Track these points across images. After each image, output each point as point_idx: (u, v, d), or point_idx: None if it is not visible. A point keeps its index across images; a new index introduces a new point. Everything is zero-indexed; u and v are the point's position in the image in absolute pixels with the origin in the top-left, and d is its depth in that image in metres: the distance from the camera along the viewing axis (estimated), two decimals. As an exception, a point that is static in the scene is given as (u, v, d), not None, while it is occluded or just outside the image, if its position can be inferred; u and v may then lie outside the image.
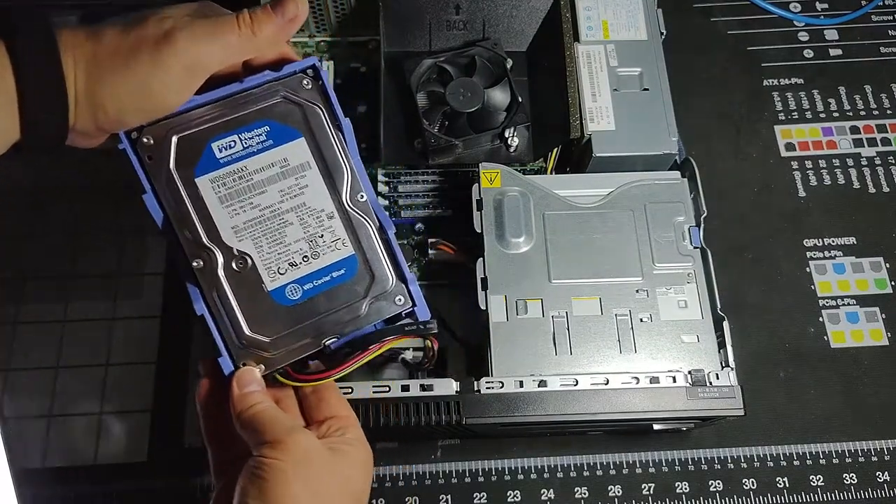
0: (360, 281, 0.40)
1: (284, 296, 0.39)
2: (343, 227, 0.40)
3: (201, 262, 0.38)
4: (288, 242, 0.39)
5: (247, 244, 0.38)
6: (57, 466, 0.55)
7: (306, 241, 0.39)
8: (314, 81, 0.42)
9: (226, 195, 0.38)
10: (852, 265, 0.63)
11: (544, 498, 0.55)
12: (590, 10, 0.61)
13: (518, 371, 0.48)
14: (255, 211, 0.39)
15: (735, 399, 0.47)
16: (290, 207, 0.39)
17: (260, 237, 0.39)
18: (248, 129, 0.39)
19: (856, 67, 0.71)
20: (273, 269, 0.39)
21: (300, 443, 0.36)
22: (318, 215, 0.40)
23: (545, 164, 0.60)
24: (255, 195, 0.39)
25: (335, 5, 0.64)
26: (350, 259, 0.40)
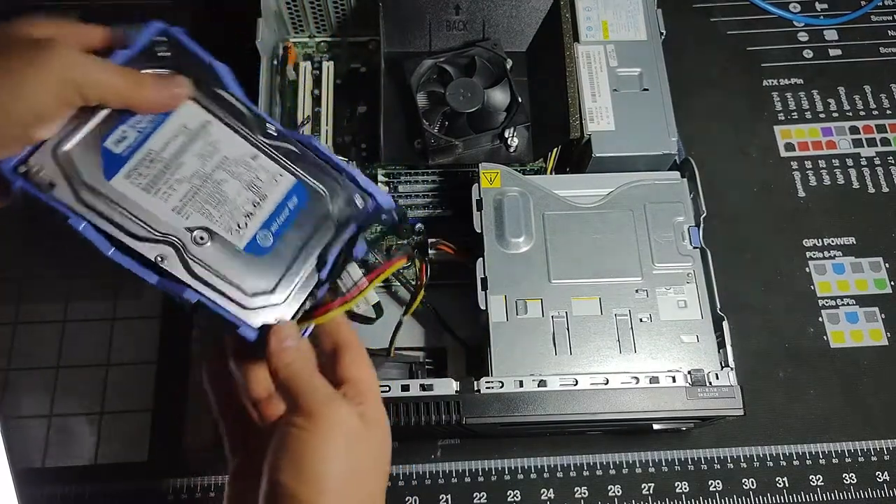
0: (316, 200, 0.39)
1: (259, 246, 0.37)
2: (273, 162, 0.39)
3: (162, 256, 0.36)
4: (232, 198, 0.37)
5: (195, 218, 0.37)
6: (57, 466, 0.55)
7: (247, 189, 0.38)
8: (171, 45, 0.39)
9: (148, 183, 0.36)
10: (852, 265, 0.63)
11: (544, 497, 0.55)
12: (590, 10, 0.61)
13: (518, 371, 0.48)
14: (185, 185, 0.37)
15: (735, 399, 0.47)
16: (215, 166, 0.38)
17: (204, 206, 0.37)
18: (131, 112, 0.37)
19: (855, 67, 0.71)
20: (234, 229, 0.37)
21: (340, 416, 0.34)
22: (243, 162, 0.38)
23: (545, 164, 0.60)
24: (176, 170, 0.37)
25: (335, 6, 0.64)
26: (295, 186, 0.39)
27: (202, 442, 0.43)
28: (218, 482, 0.55)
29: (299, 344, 0.37)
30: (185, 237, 0.36)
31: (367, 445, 0.35)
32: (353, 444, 0.34)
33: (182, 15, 0.72)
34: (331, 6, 0.64)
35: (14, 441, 0.54)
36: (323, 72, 0.64)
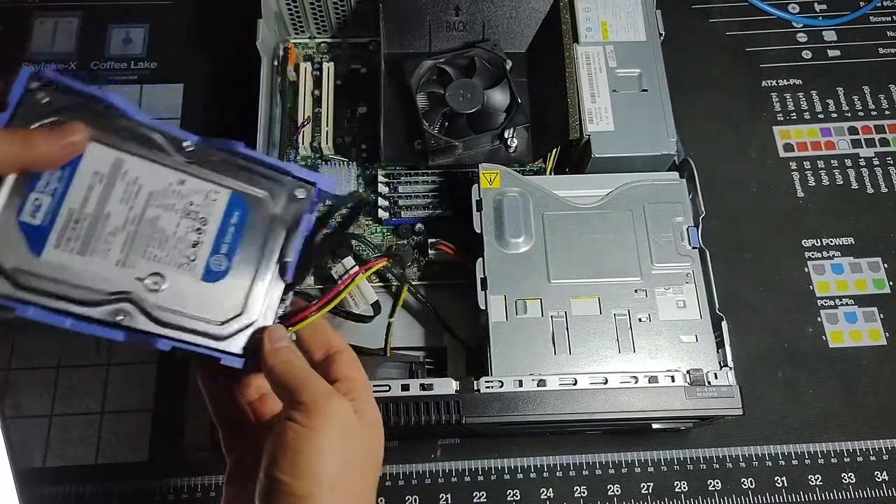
0: (257, 206, 0.37)
1: (215, 272, 0.35)
2: (201, 181, 0.36)
3: (123, 314, 0.33)
4: (172, 232, 0.35)
5: (143, 265, 0.34)
6: (58, 466, 0.55)
7: (185, 218, 0.35)
8: (51, 90, 0.34)
9: (82, 246, 0.34)
10: (850, 265, 0.63)
11: (543, 497, 0.55)
12: (589, 11, 0.61)
13: (517, 371, 0.48)
14: (120, 235, 0.34)
15: (733, 399, 0.47)
16: (143, 205, 0.35)
17: (146, 250, 0.35)
18: (36, 176, 0.33)
19: (854, 68, 0.71)
20: (184, 263, 0.35)
21: (337, 410, 0.34)
22: (171, 192, 0.35)
23: (544, 164, 0.60)
24: (105, 223, 0.34)
25: (335, 7, 0.64)
26: (232, 199, 0.36)
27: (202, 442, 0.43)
28: (218, 482, 0.55)
29: (291, 344, 0.37)
30: (139, 288, 0.34)
31: (361, 439, 0.36)
32: (349, 438, 0.35)
33: (182, 15, 0.73)
34: (331, 7, 0.64)
35: (15, 441, 0.54)
36: (323, 72, 0.65)
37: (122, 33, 0.72)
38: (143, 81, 0.69)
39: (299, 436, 0.33)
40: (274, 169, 0.38)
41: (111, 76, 0.69)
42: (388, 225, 0.60)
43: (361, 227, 0.61)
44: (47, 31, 0.71)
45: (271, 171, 0.38)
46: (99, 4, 0.73)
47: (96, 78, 0.69)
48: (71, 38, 0.71)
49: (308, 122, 0.63)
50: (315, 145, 0.63)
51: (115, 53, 0.71)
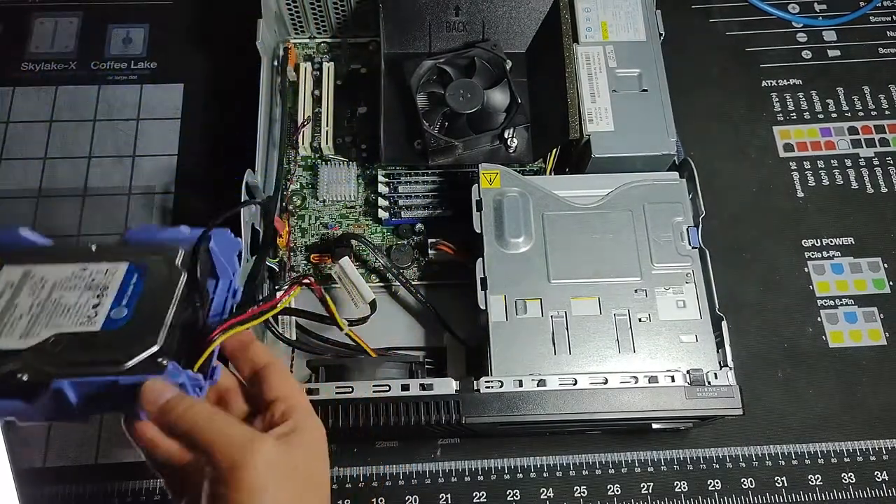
0: (156, 266, 0.39)
1: (114, 320, 0.37)
2: (101, 263, 0.40)
3: (25, 376, 0.35)
4: (74, 303, 0.38)
5: (45, 332, 0.37)
6: (58, 466, 0.55)
7: (87, 290, 0.38)
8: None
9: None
10: (850, 265, 0.63)
11: (543, 497, 0.55)
12: (589, 11, 0.61)
13: (517, 370, 0.48)
14: (25, 317, 0.37)
15: (733, 399, 0.47)
16: (49, 291, 0.39)
17: (49, 320, 0.37)
18: None
19: (854, 68, 0.71)
20: (85, 322, 0.37)
21: (262, 457, 0.33)
22: (75, 276, 0.39)
23: (544, 164, 0.60)
24: (13, 312, 0.38)
25: (335, 7, 0.64)
26: (130, 268, 0.39)
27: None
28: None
29: (181, 394, 0.35)
30: (42, 347, 0.36)
31: (295, 470, 0.34)
32: (282, 479, 0.33)
33: (182, 15, 0.73)
34: (331, 7, 0.64)
35: (15, 441, 0.54)
36: (323, 72, 0.65)
37: (122, 33, 0.72)
38: (143, 81, 0.69)
39: (229, 496, 0.32)
40: (164, 237, 0.41)
41: (111, 76, 0.70)
42: (388, 225, 0.60)
43: (361, 227, 0.61)
44: (47, 31, 0.71)
45: (168, 239, 0.41)
46: (99, 4, 0.73)
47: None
48: (71, 38, 0.71)
49: (308, 122, 0.63)
50: (315, 145, 0.63)
51: (115, 53, 0.71)
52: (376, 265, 0.59)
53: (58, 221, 0.63)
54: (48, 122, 0.67)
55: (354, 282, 0.55)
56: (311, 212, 0.61)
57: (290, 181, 0.62)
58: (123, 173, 0.65)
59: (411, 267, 0.59)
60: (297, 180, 0.62)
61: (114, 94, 0.69)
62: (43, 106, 0.68)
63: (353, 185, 0.62)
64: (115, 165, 0.66)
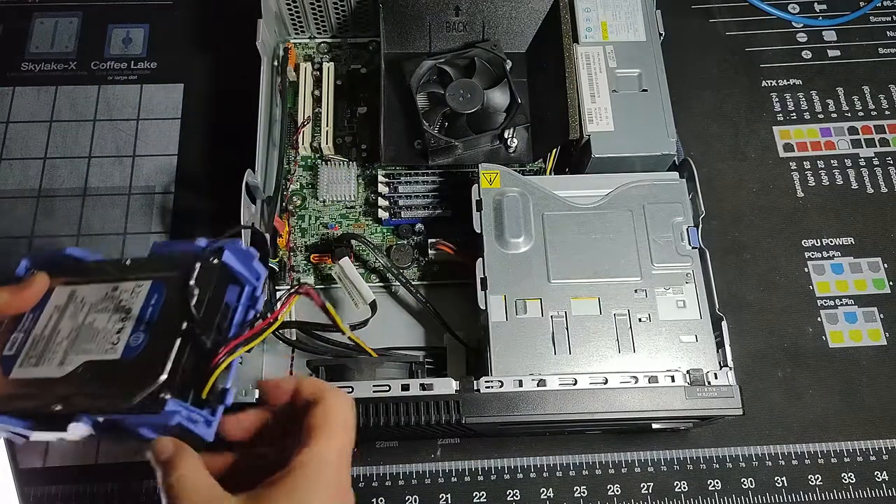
0: (173, 286, 0.40)
1: (133, 347, 0.39)
2: (130, 282, 0.41)
3: (59, 407, 0.37)
4: (102, 328, 0.40)
5: (76, 360, 0.39)
6: (58, 466, 0.55)
7: (114, 313, 0.40)
8: (36, 265, 0.44)
9: (37, 359, 0.40)
10: (850, 265, 0.63)
11: (543, 497, 0.55)
12: (589, 11, 0.61)
13: (517, 370, 0.48)
14: (64, 343, 0.40)
15: (733, 398, 0.47)
16: (84, 315, 0.41)
17: (81, 346, 0.40)
18: (20, 317, 0.42)
19: (854, 68, 0.71)
20: (108, 347, 0.39)
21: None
22: (106, 297, 0.41)
23: (544, 164, 0.60)
24: (55, 337, 0.41)
25: (335, 7, 0.64)
26: (152, 287, 0.41)
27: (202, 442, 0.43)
28: (218, 482, 0.55)
29: (178, 458, 0.36)
30: (73, 375, 0.39)
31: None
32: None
33: (182, 15, 0.73)
34: (331, 7, 0.64)
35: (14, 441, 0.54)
36: (323, 73, 0.65)
37: (122, 33, 0.72)
38: (143, 81, 0.69)
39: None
40: (187, 248, 0.42)
41: (111, 76, 0.70)
42: (388, 225, 0.61)
43: (361, 227, 0.61)
44: (47, 31, 0.71)
45: (193, 250, 0.42)
46: (99, 4, 0.73)
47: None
48: (71, 38, 0.71)
49: (308, 122, 0.63)
50: (315, 145, 0.63)
51: (115, 53, 0.71)
52: (376, 265, 0.59)
53: (58, 221, 0.63)
54: (48, 122, 0.67)
55: (354, 282, 0.55)
56: (311, 212, 0.62)
57: (290, 181, 0.62)
58: (123, 173, 0.65)
59: (411, 267, 0.59)
60: (297, 180, 0.63)
61: (114, 94, 0.69)
62: (43, 106, 0.68)
63: (353, 185, 0.62)
64: (115, 165, 0.66)
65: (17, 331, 0.42)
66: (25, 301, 0.42)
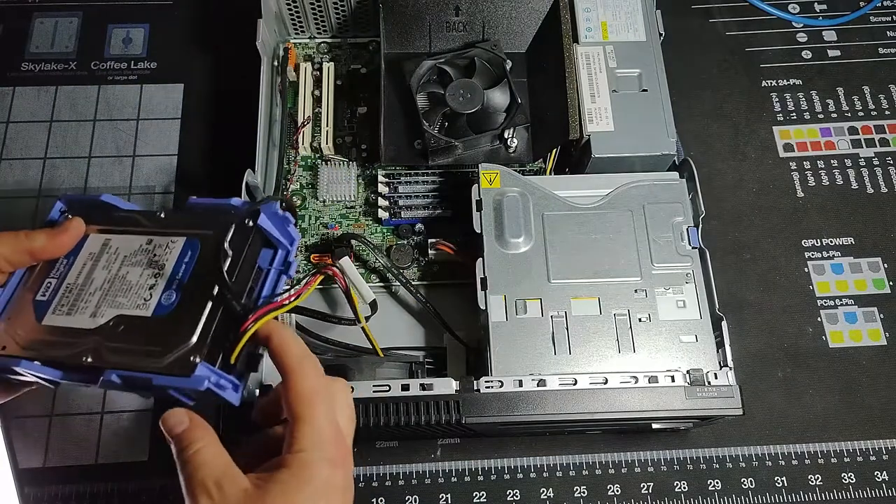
0: (207, 245, 0.40)
1: (164, 306, 0.39)
2: (165, 237, 0.42)
3: (89, 358, 0.38)
4: (135, 281, 0.40)
5: (109, 313, 0.39)
6: (58, 466, 0.55)
7: (147, 267, 0.41)
8: (70, 209, 0.45)
9: (69, 308, 0.40)
10: (850, 265, 0.63)
11: (543, 497, 0.55)
12: (589, 11, 0.61)
13: (517, 370, 0.48)
14: (98, 293, 0.41)
15: (733, 398, 0.47)
16: (118, 266, 0.41)
17: (115, 300, 0.40)
18: (53, 262, 0.42)
19: (854, 68, 0.71)
20: (141, 304, 0.39)
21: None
22: (140, 250, 0.41)
23: (544, 164, 0.60)
24: (89, 287, 0.41)
25: (335, 7, 0.64)
26: (186, 243, 0.41)
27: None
28: (218, 482, 0.55)
29: (195, 429, 0.36)
30: (105, 328, 0.39)
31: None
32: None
33: (182, 15, 0.73)
34: (331, 7, 0.64)
35: (16, 441, 0.54)
36: (323, 73, 0.65)
37: (122, 33, 0.72)
38: (143, 81, 0.69)
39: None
40: (222, 205, 0.42)
41: (111, 76, 0.70)
42: (388, 225, 0.60)
43: (361, 227, 0.61)
44: (47, 31, 0.71)
45: (229, 208, 0.42)
46: (99, 4, 0.73)
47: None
48: (71, 38, 0.71)
49: (308, 122, 0.63)
50: (315, 145, 0.63)
51: (115, 53, 0.71)
52: (376, 265, 0.59)
53: (58, 221, 0.63)
54: (48, 122, 0.67)
55: (355, 282, 0.55)
56: (311, 212, 0.61)
57: (290, 181, 0.62)
58: (123, 173, 0.65)
59: (411, 267, 0.59)
60: (297, 180, 0.62)
61: (114, 94, 0.69)
62: (43, 106, 0.68)
63: (353, 185, 0.62)
64: (115, 165, 0.66)
65: (50, 276, 0.42)
66: (61, 246, 0.42)
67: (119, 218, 0.44)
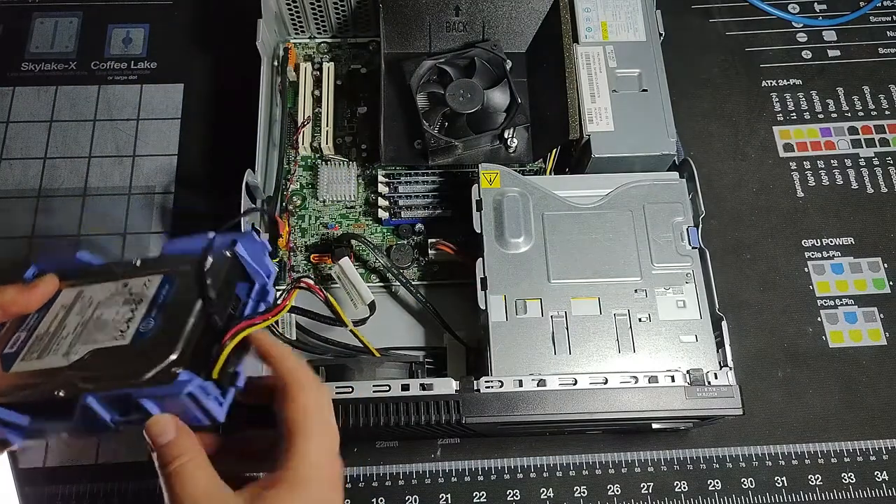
0: (184, 277, 0.40)
1: (142, 333, 0.38)
2: (140, 277, 0.40)
3: (61, 392, 0.36)
4: (111, 319, 0.39)
5: (83, 349, 0.38)
6: (58, 466, 0.55)
7: (123, 305, 0.39)
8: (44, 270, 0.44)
9: (41, 352, 0.39)
10: (850, 265, 0.63)
11: (543, 497, 0.55)
12: (589, 11, 0.61)
13: (517, 370, 0.48)
14: (70, 336, 0.39)
15: (733, 398, 0.47)
16: (92, 311, 0.40)
17: (88, 337, 0.38)
18: (24, 317, 0.41)
19: (854, 68, 0.71)
20: (118, 336, 0.38)
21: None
22: (116, 293, 0.40)
23: (544, 164, 0.60)
24: (61, 332, 0.39)
25: (335, 7, 0.64)
26: (164, 279, 0.40)
27: (202, 441, 0.43)
28: (218, 482, 0.55)
29: (181, 441, 0.34)
30: (80, 363, 0.37)
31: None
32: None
33: (182, 15, 0.73)
34: (331, 7, 0.64)
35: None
36: (323, 73, 0.65)
37: (122, 33, 0.72)
38: (143, 81, 0.69)
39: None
40: (197, 243, 0.41)
41: (111, 76, 0.70)
42: (388, 225, 0.61)
43: (361, 227, 0.61)
44: (47, 31, 0.71)
45: (197, 245, 0.41)
46: (99, 4, 0.73)
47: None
48: (71, 38, 0.71)
49: (308, 122, 0.63)
50: (315, 145, 0.63)
51: (115, 53, 0.71)
52: (376, 265, 0.59)
53: (58, 221, 0.63)
54: (48, 122, 0.67)
55: (354, 282, 0.55)
56: (311, 212, 0.62)
57: (290, 181, 0.62)
58: (123, 173, 0.65)
59: (411, 267, 0.59)
60: (297, 180, 0.62)
61: (114, 94, 0.69)
62: (43, 106, 0.68)
63: (353, 185, 0.62)
64: (115, 165, 0.66)
65: (20, 329, 0.40)
66: (32, 301, 0.41)
67: (93, 272, 0.43)
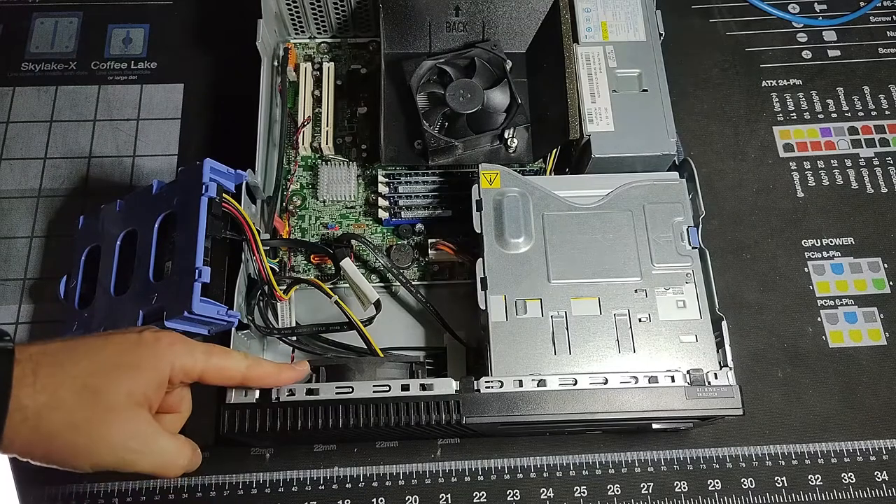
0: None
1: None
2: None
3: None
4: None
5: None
6: (58, 466, 0.55)
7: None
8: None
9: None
10: (850, 265, 0.63)
11: (543, 497, 0.55)
12: (589, 11, 0.61)
13: (517, 371, 0.48)
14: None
15: (733, 399, 0.47)
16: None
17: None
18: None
19: (854, 68, 0.71)
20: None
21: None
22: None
23: (544, 164, 0.60)
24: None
25: (335, 7, 0.64)
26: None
27: (202, 441, 0.43)
28: (218, 482, 0.55)
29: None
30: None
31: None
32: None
33: (182, 15, 0.73)
34: (331, 7, 0.64)
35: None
36: (323, 73, 0.65)
37: (122, 33, 0.72)
38: (143, 81, 0.69)
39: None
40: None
41: (111, 76, 0.70)
42: (388, 225, 0.60)
43: (361, 227, 0.61)
44: (47, 31, 0.71)
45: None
46: (99, 4, 0.73)
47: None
48: (71, 38, 0.71)
49: (308, 122, 0.63)
50: (315, 145, 0.63)
51: (115, 53, 0.71)
52: (376, 265, 0.59)
53: (58, 221, 0.63)
54: (48, 122, 0.67)
55: (357, 282, 0.55)
56: (311, 212, 0.62)
57: (290, 181, 0.62)
58: (123, 173, 0.65)
59: (411, 267, 0.59)
60: (297, 180, 0.63)
61: (114, 94, 0.69)
62: (43, 106, 0.68)
63: (353, 185, 0.62)
64: (115, 165, 0.66)
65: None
66: (289, 379, 0.46)
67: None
